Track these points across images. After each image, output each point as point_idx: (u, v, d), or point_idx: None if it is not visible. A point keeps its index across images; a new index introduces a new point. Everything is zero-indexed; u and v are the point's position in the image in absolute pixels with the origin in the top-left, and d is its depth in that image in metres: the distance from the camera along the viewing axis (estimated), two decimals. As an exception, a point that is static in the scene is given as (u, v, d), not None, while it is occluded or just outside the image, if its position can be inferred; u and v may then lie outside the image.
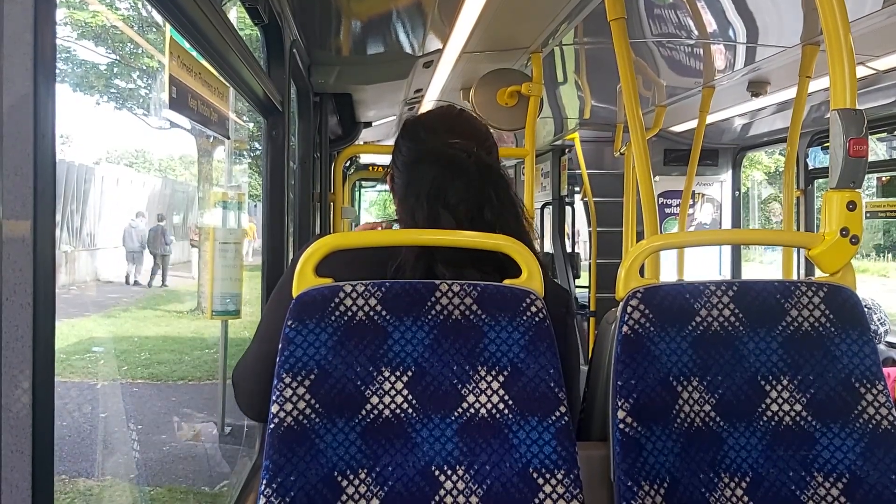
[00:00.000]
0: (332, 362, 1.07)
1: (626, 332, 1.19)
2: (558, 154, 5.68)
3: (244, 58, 1.90)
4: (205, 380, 7.62)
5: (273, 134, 2.51)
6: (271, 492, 1.02)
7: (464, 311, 1.11)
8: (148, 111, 11.89)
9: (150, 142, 18.88)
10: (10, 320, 0.73)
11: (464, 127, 1.42)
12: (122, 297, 11.92)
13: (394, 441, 1.07)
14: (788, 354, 1.21)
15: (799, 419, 1.19)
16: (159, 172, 16.77)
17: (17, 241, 0.74)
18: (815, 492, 1.16)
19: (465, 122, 1.44)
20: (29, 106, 0.75)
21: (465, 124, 1.43)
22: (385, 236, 1.21)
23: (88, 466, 5.38)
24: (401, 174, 1.38)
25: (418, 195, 1.28)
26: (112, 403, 6.85)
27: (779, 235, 2.40)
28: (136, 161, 17.18)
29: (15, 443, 0.73)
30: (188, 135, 11.05)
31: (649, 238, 1.37)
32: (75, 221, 11.81)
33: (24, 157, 0.74)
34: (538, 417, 1.10)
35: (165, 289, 13.03)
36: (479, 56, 3.05)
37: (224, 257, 3.28)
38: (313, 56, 3.23)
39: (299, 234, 3.33)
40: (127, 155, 17.04)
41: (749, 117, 4.21)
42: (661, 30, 2.70)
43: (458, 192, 1.27)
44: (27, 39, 0.75)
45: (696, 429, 1.18)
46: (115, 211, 13.01)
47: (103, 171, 13.79)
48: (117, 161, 16.20)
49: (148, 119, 12.29)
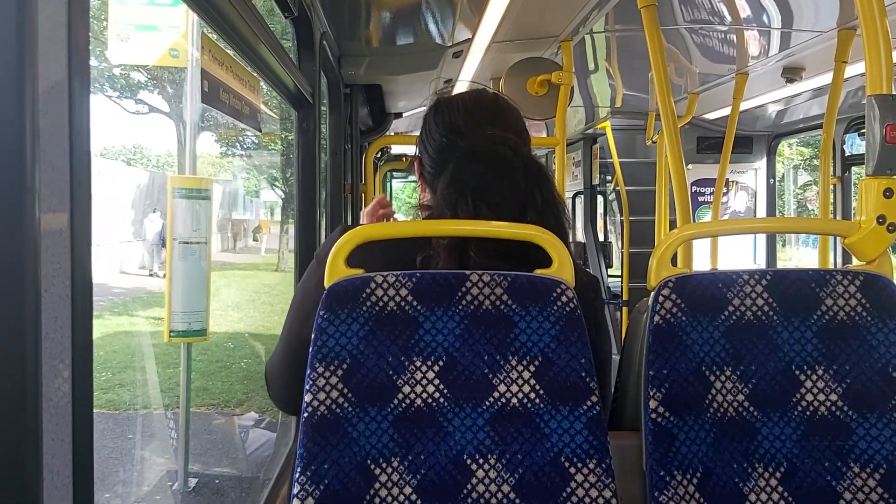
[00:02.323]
0: (363, 352, 1.08)
1: (658, 322, 1.18)
2: (589, 143, 5.64)
3: (274, 50, 1.92)
4: (174, 408, 5.98)
5: (304, 126, 2.53)
6: (305, 479, 1.03)
7: (494, 302, 1.11)
8: (122, 93, 10.74)
9: (144, 134, 17.73)
10: (50, 311, 0.74)
11: (504, 117, 1.39)
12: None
13: (426, 430, 1.08)
14: (823, 344, 1.19)
15: (835, 409, 1.17)
16: (157, 168, 16.11)
17: (55, 234, 0.75)
18: (851, 482, 1.15)
19: (504, 112, 1.40)
20: (64, 100, 0.76)
21: (504, 114, 1.40)
22: (415, 227, 1.21)
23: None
24: (436, 164, 1.34)
25: (462, 191, 1.24)
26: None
27: (814, 223, 2.36)
28: (133, 158, 16.68)
29: (56, 431, 0.75)
30: (167, 119, 10.27)
31: (681, 227, 1.36)
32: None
33: (60, 151, 0.76)
34: (569, 407, 1.09)
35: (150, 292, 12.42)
36: (509, 45, 3.04)
37: (186, 261, 2.64)
38: (343, 47, 3.25)
39: (331, 226, 3.35)
40: (125, 151, 16.52)
41: (784, 104, 4.14)
42: (694, 16, 2.67)
43: (504, 192, 1.24)
44: (61, 35, 0.76)
45: (730, 419, 1.17)
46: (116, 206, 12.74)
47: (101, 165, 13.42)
48: (115, 157, 15.64)
49: (122, 102, 11.11)
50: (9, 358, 0.71)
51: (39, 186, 0.72)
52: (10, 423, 0.71)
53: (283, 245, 11.83)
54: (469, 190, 1.24)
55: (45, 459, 0.73)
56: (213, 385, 7.16)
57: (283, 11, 2.40)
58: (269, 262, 12.39)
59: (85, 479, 0.79)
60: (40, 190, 0.72)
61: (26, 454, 0.71)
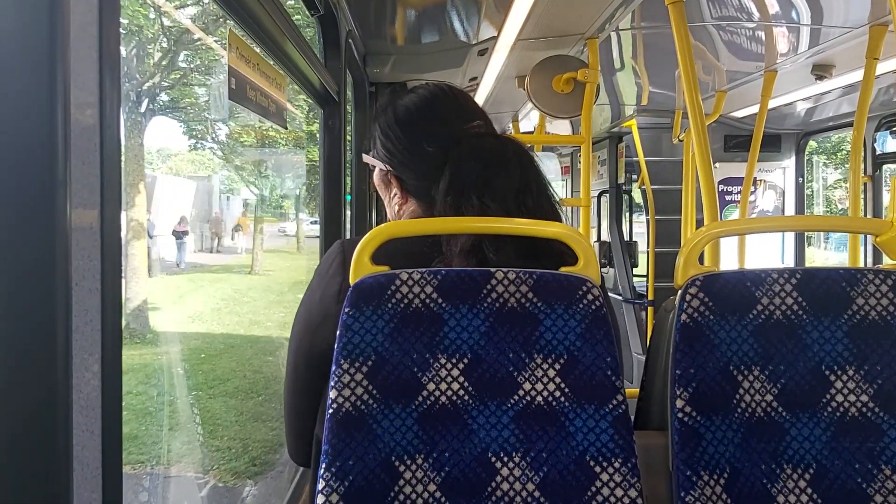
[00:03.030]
0: (388, 349, 1.08)
1: (685, 321, 1.17)
2: (615, 141, 5.61)
3: (301, 48, 1.93)
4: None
5: (330, 124, 2.54)
6: (330, 475, 1.04)
7: (519, 299, 1.11)
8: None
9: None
10: (80, 305, 0.75)
11: (467, 104, 1.36)
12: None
13: (450, 427, 1.08)
14: (854, 344, 1.17)
15: (865, 410, 1.16)
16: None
17: (86, 229, 0.76)
18: (882, 485, 1.13)
19: (464, 99, 1.37)
20: (95, 97, 0.77)
21: (465, 101, 1.36)
22: (440, 224, 1.21)
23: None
24: (423, 173, 1.29)
25: (464, 191, 1.21)
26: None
27: (844, 222, 2.33)
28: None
29: (86, 423, 0.76)
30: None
31: (708, 225, 1.35)
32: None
33: (91, 146, 0.77)
34: (595, 405, 1.09)
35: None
36: (534, 43, 3.03)
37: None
38: (368, 46, 3.25)
39: (356, 224, 3.36)
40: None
41: (813, 101, 4.09)
42: (722, 13, 2.64)
43: (504, 183, 1.23)
44: (92, 32, 0.77)
45: (758, 419, 1.16)
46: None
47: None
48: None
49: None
50: (40, 351, 0.72)
51: (70, 181, 0.73)
52: (41, 416, 0.73)
53: (258, 245, 11.06)
54: (472, 188, 1.21)
55: (75, 451, 0.74)
56: (144, 432, 5.18)
57: (310, 10, 2.41)
58: (244, 265, 11.04)
59: (114, 470, 0.80)
60: (70, 185, 0.73)
61: (57, 446, 0.72)
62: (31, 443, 0.72)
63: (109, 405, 0.79)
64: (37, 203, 0.71)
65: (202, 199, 10.95)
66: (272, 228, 13.32)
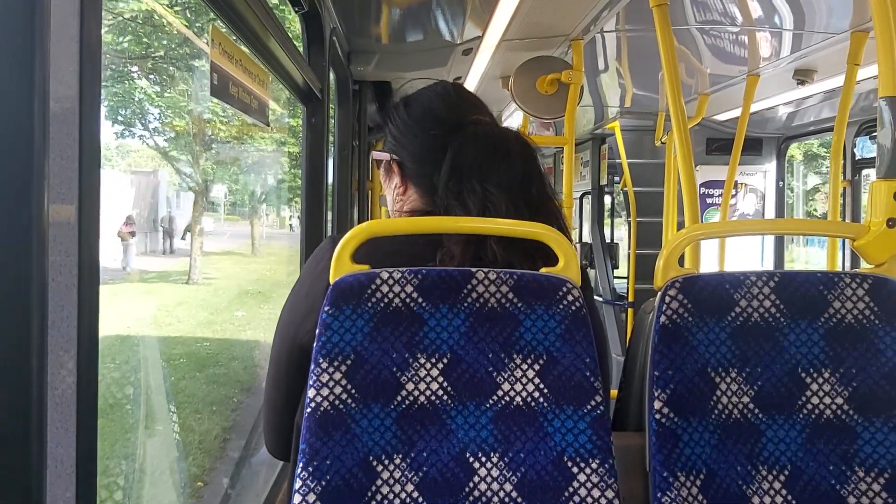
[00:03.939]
0: (368, 348, 1.08)
1: (664, 322, 1.18)
2: (598, 143, 5.62)
3: (284, 45, 1.92)
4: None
5: (312, 121, 2.53)
6: (308, 475, 1.03)
7: (500, 300, 1.11)
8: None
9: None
10: (56, 301, 0.74)
11: (476, 101, 1.39)
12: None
13: (429, 427, 1.08)
14: (830, 347, 1.18)
15: (840, 413, 1.17)
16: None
17: (63, 224, 0.75)
18: (855, 486, 1.14)
19: (474, 96, 1.41)
20: (74, 90, 0.76)
21: (475, 98, 1.40)
22: (422, 223, 1.21)
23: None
24: (423, 160, 1.30)
25: (466, 177, 1.22)
26: None
27: (823, 225, 2.35)
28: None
29: (60, 420, 0.75)
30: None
31: (689, 227, 1.35)
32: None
33: (70, 140, 0.76)
34: (574, 406, 1.09)
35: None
36: (519, 43, 3.03)
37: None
38: (353, 44, 3.25)
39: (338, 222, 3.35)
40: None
41: (794, 106, 4.12)
42: (705, 16, 2.66)
43: (506, 172, 1.23)
44: (73, 24, 0.76)
45: (734, 420, 1.17)
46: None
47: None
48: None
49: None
50: (14, 347, 0.71)
51: (48, 175, 0.72)
52: (14, 413, 0.72)
53: (198, 248, 9.35)
54: (474, 173, 1.22)
55: (50, 448, 0.73)
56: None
57: (294, 6, 2.40)
58: (184, 271, 9.25)
59: (88, 467, 0.79)
60: (48, 179, 0.72)
61: (30, 443, 0.72)
62: (4, 440, 0.71)
63: (85, 402, 0.78)
64: (13, 197, 0.70)
65: (147, 197, 10.05)
66: (232, 229, 12.55)
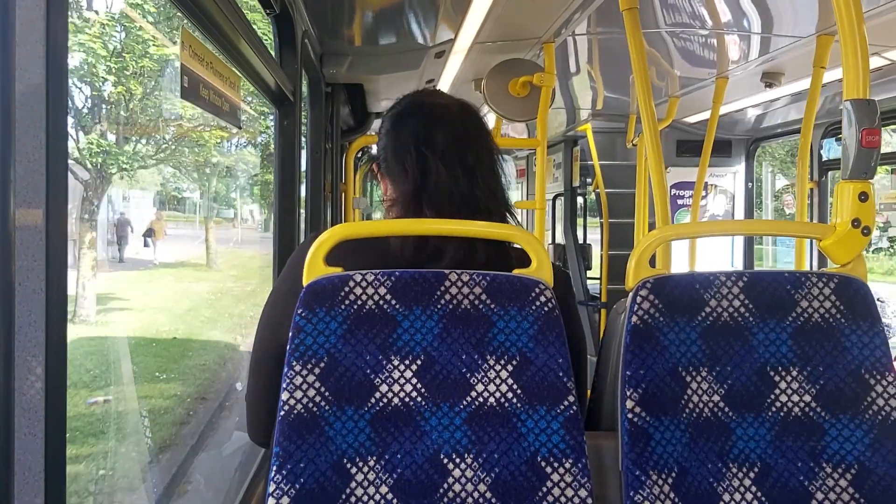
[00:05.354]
0: (341, 350, 1.08)
1: (636, 322, 1.19)
2: (570, 145, 5.65)
3: (256, 47, 1.91)
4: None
5: (285, 124, 2.52)
6: (281, 478, 1.03)
7: (473, 301, 1.12)
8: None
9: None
10: (24, 305, 0.73)
11: (440, 92, 1.45)
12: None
13: (403, 429, 1.08)
14: (798, 345, 1.20)
15: (808, 410, 1.19)
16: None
17: (30, 228, 0.74)
18: (823, 482, 1.16)
19: (443, 93, 1.46)
20: (41, 94, 0.76)
21: (443, 93, 1.45)
22: (392, 226, 1.21)
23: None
24: (389, 148, 1.34)
25: (405, 145, 1.27)
26: None
27: (790, 226, 2.39)
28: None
29: (28, 426, 0.74)
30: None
31: (660, 228, 1.37)
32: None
33: (37, 144, 0.75)
34: (547, 406, 1.10)
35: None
36: (492, 46, 3.04)
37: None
38: (325, 46, 3.23)
39: (311, 225, 3.34)
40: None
41: (763, 108, 4.18)
42: (675, 19, 2.69)
43: (443, 137, 1.27)
44: (39, 27, 0.75)
45: (705, 419, 1.18)
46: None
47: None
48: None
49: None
50: None
51: (14, 179, 0.71)
52: None
53: (86, 268, 6.65)
54: (412, 142, 1.27)
55: (17, 455, 0.73)
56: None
57: (265, 8, 2.39)
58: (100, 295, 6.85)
59: (57, 473, 0.78)
60: (15, 183, 0.71)
61: None
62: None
63: (53, 408, 0.77)
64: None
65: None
66: (182, 231, 11.66)
